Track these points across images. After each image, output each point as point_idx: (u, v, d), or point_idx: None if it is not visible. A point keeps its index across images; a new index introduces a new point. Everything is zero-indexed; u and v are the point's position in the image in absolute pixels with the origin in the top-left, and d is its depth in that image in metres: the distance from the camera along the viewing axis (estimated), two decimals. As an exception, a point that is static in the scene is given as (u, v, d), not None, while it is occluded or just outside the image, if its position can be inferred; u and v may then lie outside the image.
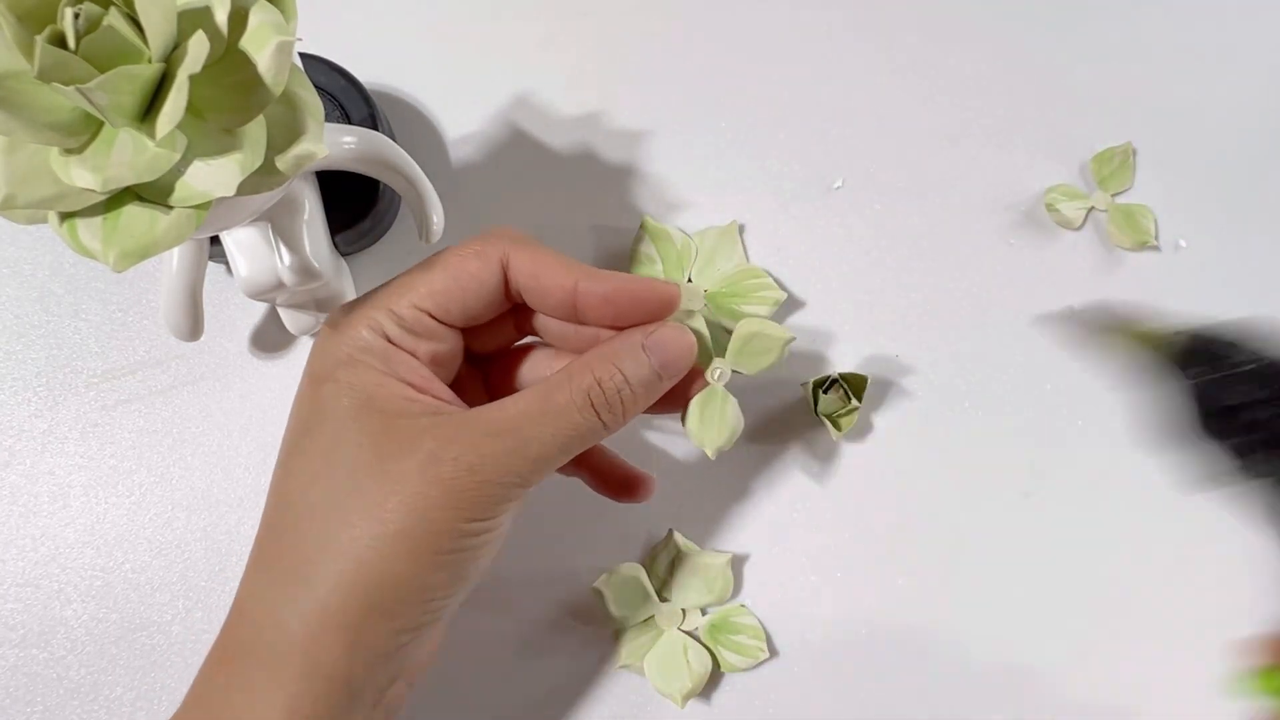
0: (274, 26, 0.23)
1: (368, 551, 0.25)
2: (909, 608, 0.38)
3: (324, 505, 0.26)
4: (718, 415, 0.32)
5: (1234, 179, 0.43)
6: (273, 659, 0.25)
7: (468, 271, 0.29)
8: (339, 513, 0.26)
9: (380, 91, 0.42)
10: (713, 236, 0.40)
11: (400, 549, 0.25)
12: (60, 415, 0.39)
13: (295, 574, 0.26)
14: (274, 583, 0.26)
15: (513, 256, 0.29)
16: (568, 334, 0.31)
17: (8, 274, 0.40)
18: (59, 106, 0.22)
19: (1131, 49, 0.44)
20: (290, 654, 0.25)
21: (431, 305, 0.28)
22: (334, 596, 0.25)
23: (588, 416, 0.27)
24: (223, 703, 0.26)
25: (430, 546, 0.25)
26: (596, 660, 0.38)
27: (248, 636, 0.26)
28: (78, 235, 0.24)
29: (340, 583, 0.25)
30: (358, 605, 0.25)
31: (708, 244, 0.40)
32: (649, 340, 0.28)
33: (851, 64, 0.44)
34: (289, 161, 0.25)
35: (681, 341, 0.29)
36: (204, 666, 0.27)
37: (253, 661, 0.26)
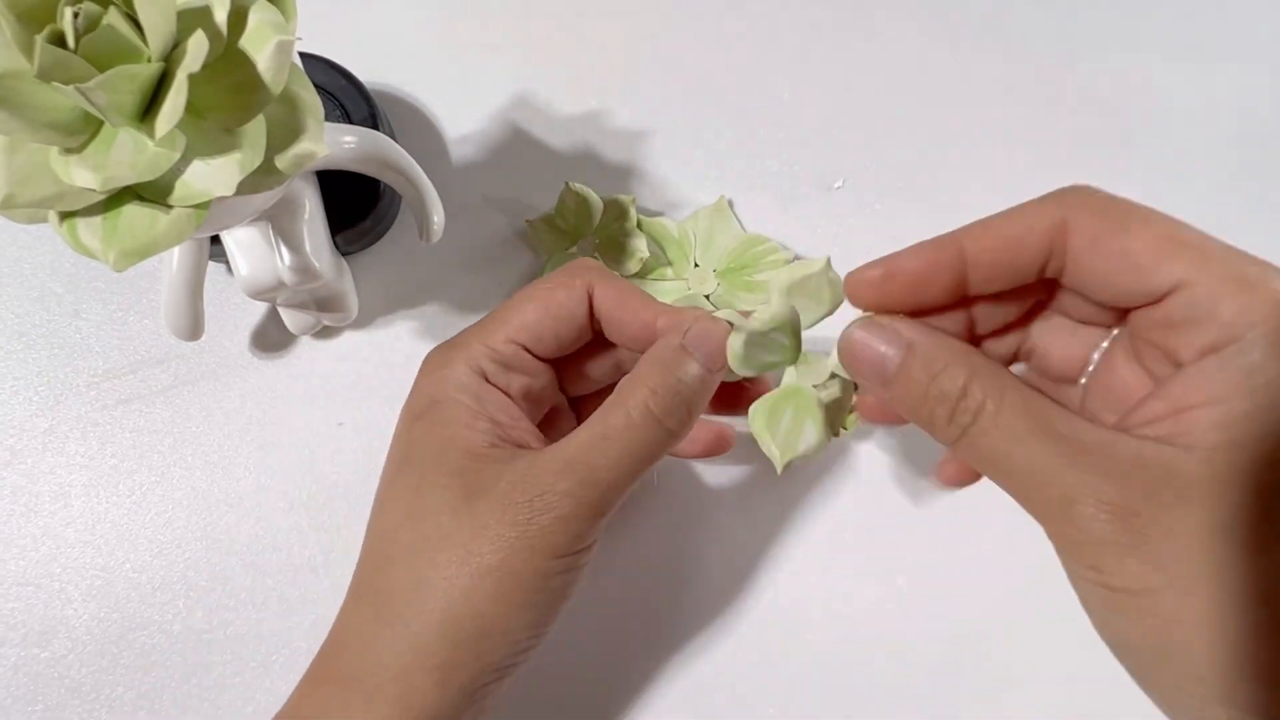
0: (273, 26, 0.23)
1: (456, 594, 0.26)
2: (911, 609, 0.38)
3: (414, 546, 0.27)
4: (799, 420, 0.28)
5: (1234, 179, 0.43)
6: (368, 691, 0.26)
7: (557, 301, 0.30)
8: (428, 554, 0.26)
9: (380, 91, 0.42)
10: (705, 216, 0.40)
11: (486, 590, 0.26)
12: (61, 415, 0.39)
13: (390, 611, 0.26)
14: (371, 618, 0.27)
15: (598, 287, 0.30)
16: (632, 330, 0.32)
17: (8, 274, 0.40)
18: (59, 106, 0.22)
19: (1131, 48, 0.44)
20: (384, 688, 0.26)
21: (526, 338, 0.30)
22: (425, 636, 0.26)
23: (651, 429, 0.27)
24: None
25: (515, 586, 0.26)
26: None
27: (344, 669, 0.27)
28: (77, 235, 0.24)
29: (430, 622, 0.26)
30: (447, 645, 0.26)
31: (702, 225, 0.40)
32: (687, 339, 0.28)
33: (852, 64, 0.44)
34: (289, 161, 0.25)
35: (717, 332, 0.28)
36: (300, 687, 0.28)
37: (350, 693, 0.26)
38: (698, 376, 0.28)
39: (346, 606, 0.28)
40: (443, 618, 0.26)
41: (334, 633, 0.28)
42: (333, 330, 0.40)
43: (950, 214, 0.42)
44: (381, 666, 0.26)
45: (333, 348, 0.40)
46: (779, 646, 0.38)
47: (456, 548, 0.26)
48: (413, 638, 0.26)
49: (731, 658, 0.38)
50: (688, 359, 0.28)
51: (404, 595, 0.26)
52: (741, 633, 0.38)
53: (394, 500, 0.28)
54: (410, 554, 0.27)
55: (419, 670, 0.26)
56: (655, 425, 0.27)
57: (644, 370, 0.28)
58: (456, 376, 0.29)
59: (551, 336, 0.30)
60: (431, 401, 0.28)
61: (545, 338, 0.30)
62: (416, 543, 0.27)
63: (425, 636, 0.26)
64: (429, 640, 0.26)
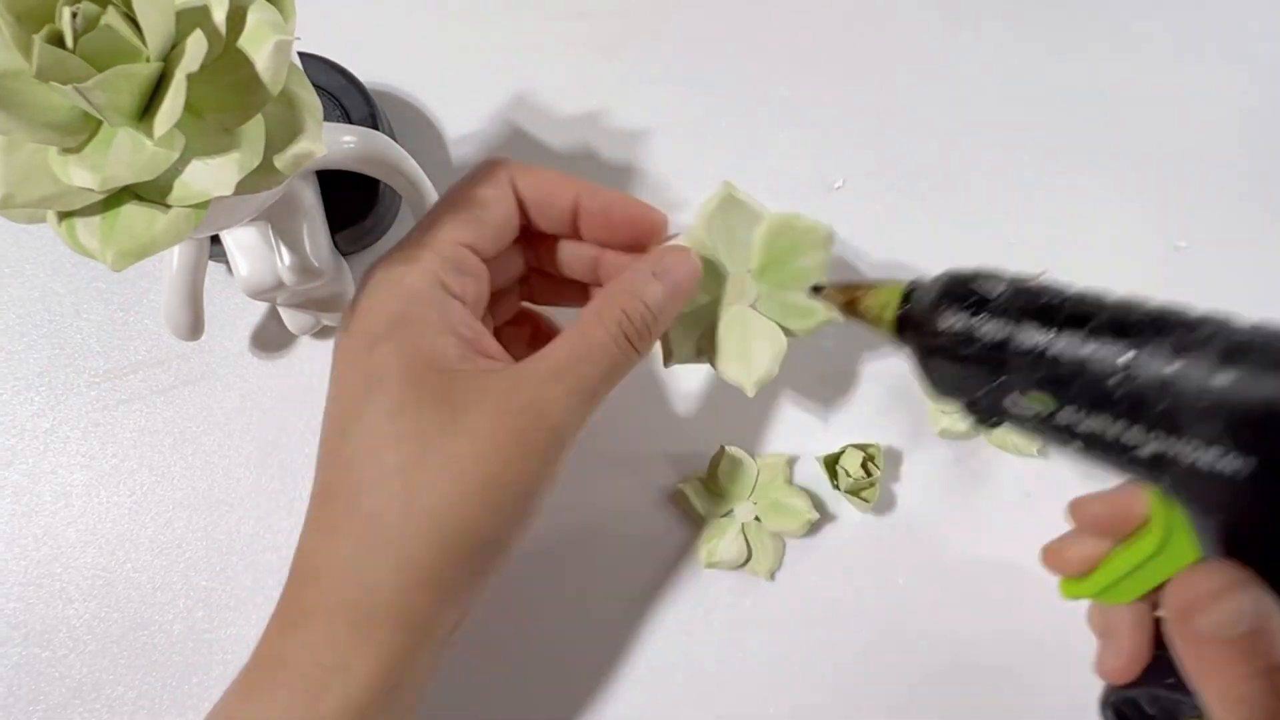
0: (272, 25, 0.23)
1: (452, 507, 0.26)
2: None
3: (399, 468, 0.26)
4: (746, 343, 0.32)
5: (1234, 179, 0.43)
6: (363, 618, 0.26)
7: (487, 197, 0.30)
8: (417, 473, 0.26)
9: (380, 91, 0.42)
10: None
11: (482, 500, 0.26)
12: (62, 414, 0.39)
13: (379, 537, 0.26)
14: (355, 547, 0.27)
15: (518, 177, 0.31)
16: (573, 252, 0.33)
17: (9, 274, 0.40)
18: (57, 106, 0.22)
19: (1131, 49, 0.44)
20: (379, 610, 0.26)
21: (469, 237, 0.30)
22: (419, 553, 0.26)
23: (624, 348, 0.28)
24: (310, 660, 0.26)
25: (510, 496, 0.27)
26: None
27: (328, 600, 0.27)
28: (76, 234, 0.24)
29: (427, 540, 0.26)
30: (444, 559, 0.26)
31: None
32: (659, 268, 0.30)
33: (852, 64, 0.44)
34: (288, 160, 0.25)
35: (688, 263, 0.30)
36: (271, 631, 0.28)
37: (339, 621, 0.26)
38: (663, 304, 0.29)
39: (314, 539, 0.28)
40: (439, 535, 0.26)
41: (304, 568, 0.28)
42: (333, 330, 0.40)
43: (950, 214, 0.42)
44: (376, 593, 0.26)
45: (332, 348, 0.40)
46: (779, 646, 0.38)
47: (448, 464, 0.26)
48: (407, 559, 0.26)
49: (731, 657, 0.38)
50: (656, 285, 0.29)
51: (394, 519, 0.26)
52: (741, 632, 0.38)
53: (368, 424, 0.27)
54: (397, 475, 0.26)
55: (416, 588, 0.26)
56: (626, 345, 0.28)
57: (616, 293, 0.29)
58: (415, 289, 0.28)
59: (491, 231, 0.30)
60: (393, 319, 0.28)
61: (485, 235, 0.30)
62: (404, 463, 0.26)
63: (422, 556, 0.26)
64: (426, 559, 0.26)
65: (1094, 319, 0.23)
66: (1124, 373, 0.22)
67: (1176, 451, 0.22)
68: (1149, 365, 0.21)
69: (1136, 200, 0.42)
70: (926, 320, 0.25)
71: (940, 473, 0.39)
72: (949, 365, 0.25)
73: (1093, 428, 0.23)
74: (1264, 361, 0.20)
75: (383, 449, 0.27)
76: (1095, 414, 0.23)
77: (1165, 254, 0.42)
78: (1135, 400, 0.22)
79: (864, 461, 0.37)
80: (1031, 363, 0.23)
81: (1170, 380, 0.21)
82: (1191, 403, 0.21)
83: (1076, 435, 0.24)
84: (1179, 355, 0.21)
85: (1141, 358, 0.22)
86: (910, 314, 0.26)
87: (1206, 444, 0.21)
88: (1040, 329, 0.23)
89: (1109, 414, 0.22)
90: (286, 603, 0.28)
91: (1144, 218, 0.42)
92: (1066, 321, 0.23)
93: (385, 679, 0.26)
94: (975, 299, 0.25)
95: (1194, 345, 0.21)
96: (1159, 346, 0.21)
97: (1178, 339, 0.21)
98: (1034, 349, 0.23)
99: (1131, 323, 0.22)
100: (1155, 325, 0.22)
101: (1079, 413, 0.23)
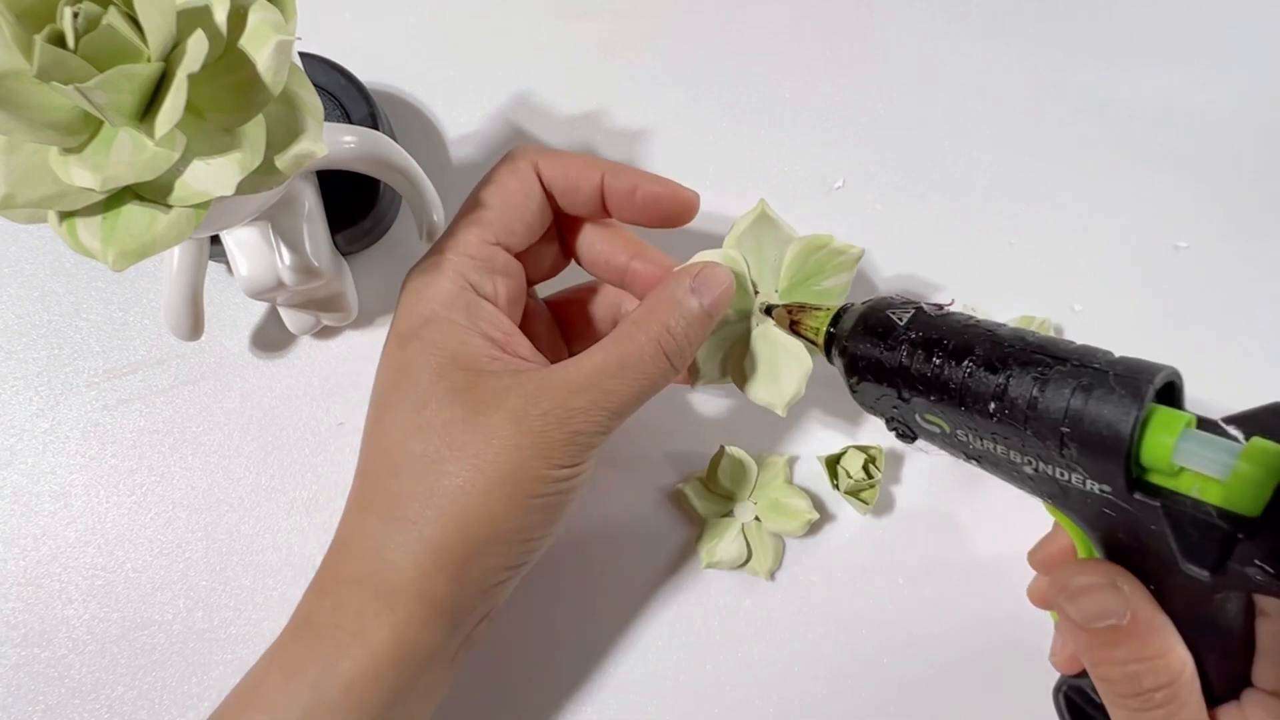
0: (273, 25, 0.23)
1: (470, 497, 0.27)
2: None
3: (425, 455, 0.28)
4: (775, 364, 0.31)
5: (1234, 179, 0.43)
6: (384, 589, 0.27)
7: (512, 190, 0.31)
8: (439, 463, 0.28)
9: (380, 91, 0.42)
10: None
11: (499, 494, 0.27)
12: (61, 414, 0.39)
13: (402, 517, 0.28)
14: (380, 524, 0.28)
15: (541, 163, 0.31)
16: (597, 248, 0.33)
17: (9, 273, 0.40)
18: (58, 106, 0.22)
19: (1132, 49, 0.44)
20: (401, 585, 0.27)
21: (498, 234, 0.31)
22: (441, 536, 0.27)
23: (660, 363, 0.29)
24: (333, 624, 0.28)
25: (526, 491, 0.28)
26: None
27: (356, 570, 0.28)
28: (77, 234, 0.24)
29: (447, 525, 0.27)
30: (462, 543, 0.27)
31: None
32: (696, 282, 0.30)
33: (852, 64, 0.44)
34: (288, 160, 0.25)
35: (724, 279, 0.30)
36: (307, 595, 0.29)
37: (363, 591, 0.28)
38: (701, 320, 0.30)
39: (351, 515, 0.29)
40: (458, 522, 0.27)
41: (340, 539, 0.29)
42: (333, 330, 0.40)
43: (950, 214, 0.42)
44: (397, 568, 0.27)
45: (333, 348, 0.40)
46: (779, 646, 0.38)
47: (471, 456, 0.27)
48: (428, 540, 0.27)
49: (731, 657, 0.38)
50: (694, 301, 0.29)
51: (417, 502, 0.27)
52: (741, 632, 0.38)
53: (396, 415, 0.29)
54: (421, 463, 0.28)
55: (435, 569, 0.27)
56: (663, 360, 0.29)
57: (656, 306, 0.29)
58: (443, 293, 0.29)
59: (520, 225, 0.31)
60: (422, 321, 0.29)
61: (515, 229, 0.31)
62: (428, 453, 0.28)
63: (441, 539, 0.27)
64: (445, 543, 0.27)
65: (975, 350, 0.25)
66: (995, 400, 0.24)
67: (1050, 471, 0.24)
68: (1016, 394, 0.23)
69: (1137, 200, 0.42)
70: (848, 344, 0.28)
71: (940, 473, 0.39)
72: (868, 385, 0.28)
73: (982, 448, 0.25)
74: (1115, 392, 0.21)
75: (410, 438, 0.28)
76: (980, 436, 0.25)
77: (1165, 254, 0.42)
78: (1008, 424, 0.24)
79: (865, 463, 0.37)
80: (926, 388, 0.26)
81: (1031, 408, 0.23)
82: (1050, 430, 0.22)
83: (972, 453, 0.26)
84: (1041, 386, 0.23)
85: (1010, 387, 0.23)
86: (835, 337, 0.29)
87: (1067, 467, 0.23)
88: (931, 359, 0.25)
89: (990, 436, 0.25)
90: (322, 570, 0.29)
91: (1144, 218, 0.42)
92: (953, 352, 0.25)
93: (401, 650, 0.27)
94: (884, 327, 0.27)
95: (1055, 378, 0.23)
96: (1023, 378, 0.23)
97: (1040, 371, 0.23)
98: (927, 376, 0.25)
99: (1005, 355, 0.24)
100: (1024, 358, 0.24)
101: (968, 433, 0.25)
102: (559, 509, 0.29)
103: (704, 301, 0.29)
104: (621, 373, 0.28)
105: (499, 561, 0.28)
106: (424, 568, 0.27)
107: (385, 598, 0.27)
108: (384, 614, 0.27)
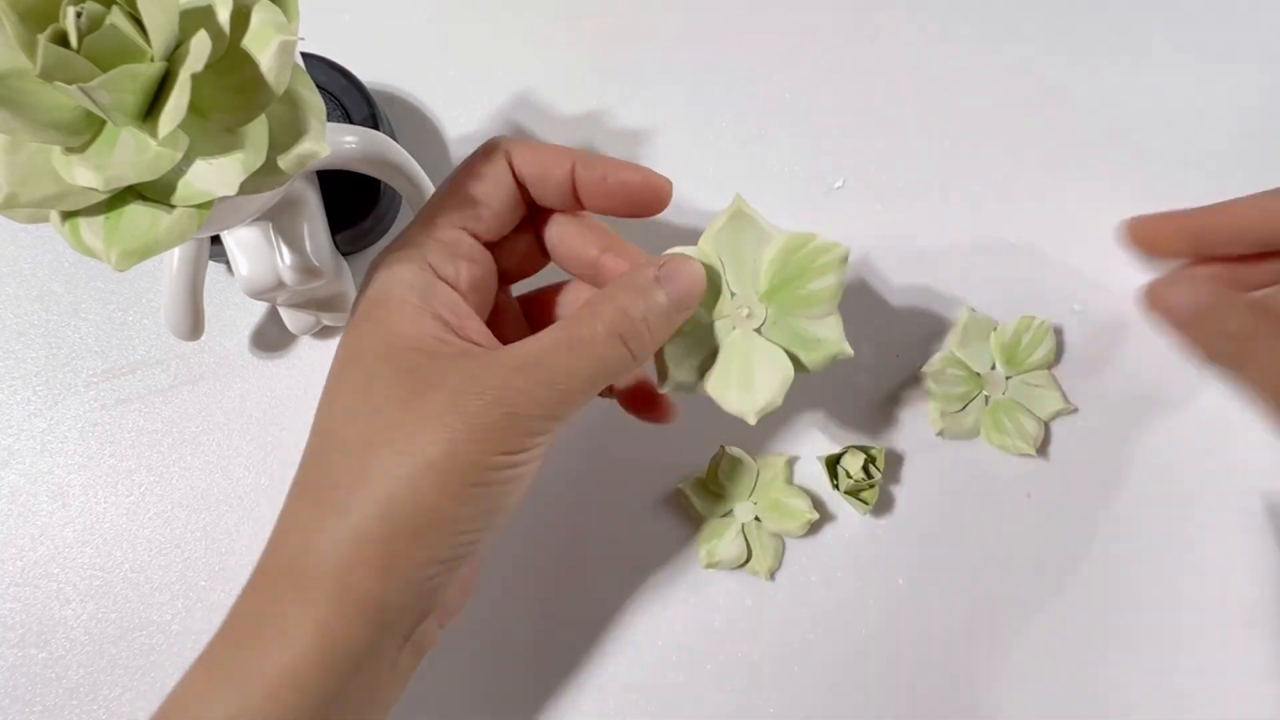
0: (276, 26, 0.23)
1: (398, 483, 0.26)
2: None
3: (358, 439, 0.27)
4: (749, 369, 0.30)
5: (1234, 179, 0.43)
6: (306, 582, 0.26)
7: (482, 177, 0.30)
8: (371, 447, 0.26)
9: (381, 91, 0.42)
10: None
11: (429, 481, 0.26)
12: (60, 414, 0.39)
13: (331, 503, 0.26)
14: (311, 511, 0.27)
15: (514, 153, 0.31)
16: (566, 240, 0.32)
17: (8, 273, 0.40)
18: (61, 105, 0.22)
19: (1132, 49, 0.44)
20: (322, 578, 0.26)
21: (466, 220, 0.30)
22: (366, 524, 0.26)
23: (615, 348, 0.28)
24: (257, 623, 0.27)
25: (459, 479, 0.26)
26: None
27: (284, 561, 0.27)
28: (80, 234, 0.24)
29: (372, 512, 0.26)
30: (389, 533, 0.26)
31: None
32: (661, 272, 0.29)
33: (852, 64, 0.44)
34: (291, 161, 0.25)
35: (692, 270, 0.29)
36: (243, 591, 0.28)
37: (287, 585, 0.26)
38: (665, 310, 0.29)
39: (288, 503, 0.28)
40: (384, 508, 0.26)
41: (275, 528, 0.28)
42: (333, 330, 0.40)
43: (951, 214, 0.42)
44: (320, 558, 0.26)
45: (332, 348, 0.40)
46: (779, 646, 0.38)
47: (401, 439, 0.26)
48: (352, 528, 0.26)
49: (731, 657, 0.38)
50: (659, 290, 0.28)
51: (345, 486, 0.26)
52: (741, 632, 0.38)
53: (339, 397, 0.28)
54: (355, 446, 0.26)
55: (359, 561, 0.26)
56: (619, 345, 0.28)
57: (616, 291, 0.28)
58: (401, 273, 0.29)
59: (488, 212, 0.30)
60: (376, 301, 0.28)
61: (482, 215, 0.30)
62: (362, 435, 0.26)
63: (365, 526, 0.26)
64: (369, 530, 0.26)
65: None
66: None
67: None
68: None
69: (1137, 201, 0.42)
70: None
71: (940, 473, 0.39)
72: None
73: None
74: None
75: (348, 422, 0.27)
76: None
77: (1163, 255, 0.42)
78: None
79: (865, 463, 0.37)
80: None
81: None
82: None
83: None
84: None
85: None
86: None
87: None
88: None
89: None
90: (258, 565, 0.28)
91: (1142, 219, 0.42)
92: None
93: (326, 651, 0.26)
94: None
95: None
96: None
97: None
98: None
99: None
100: None
101: None
102: (498, 499, 0.27)
103: (669, 290, 0.28)
104: (571, 353, 0.27)
105: (429, 554, 0.26)
106: (346, 558, 0.26)
107: (307, 590, 0.26)
108: (306, 611, 0.26)
